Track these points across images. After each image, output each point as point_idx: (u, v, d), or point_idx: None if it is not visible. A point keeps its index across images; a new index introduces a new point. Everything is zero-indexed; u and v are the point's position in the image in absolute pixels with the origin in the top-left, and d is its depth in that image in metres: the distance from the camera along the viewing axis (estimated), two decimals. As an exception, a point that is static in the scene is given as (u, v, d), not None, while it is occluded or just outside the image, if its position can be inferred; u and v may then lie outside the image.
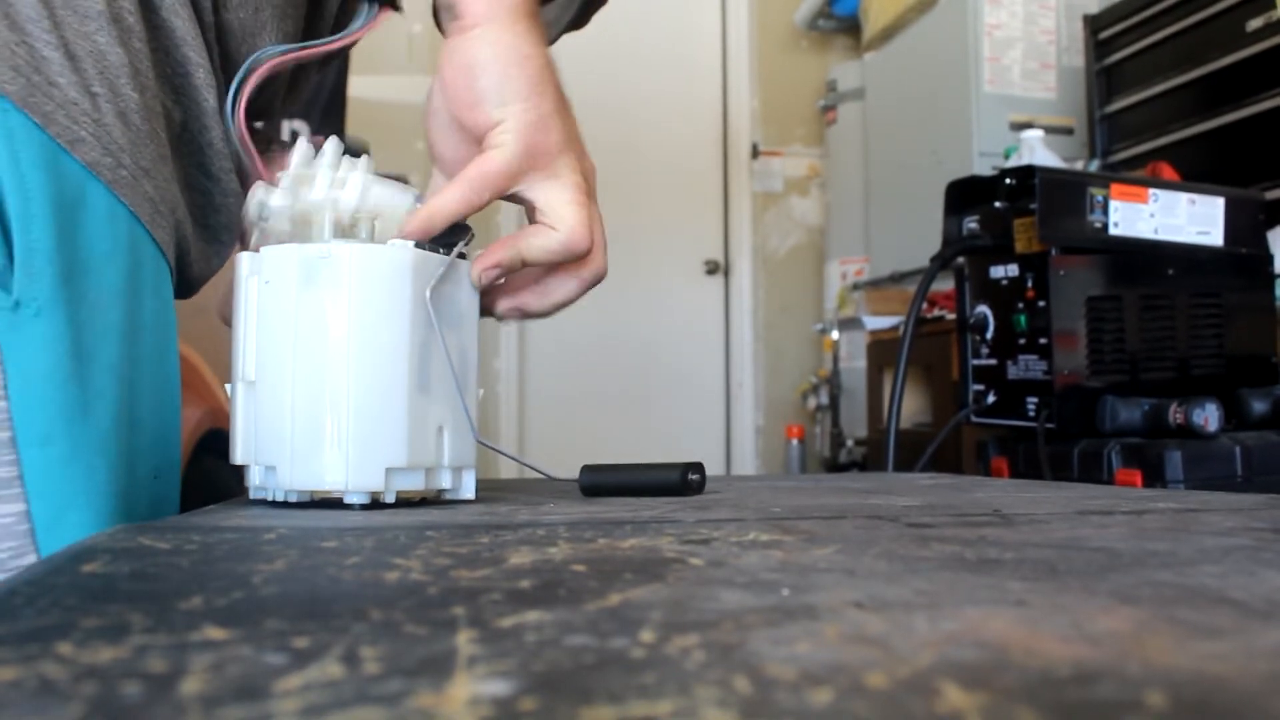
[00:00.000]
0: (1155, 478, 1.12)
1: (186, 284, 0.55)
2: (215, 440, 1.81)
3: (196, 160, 0.54)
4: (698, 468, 0.55)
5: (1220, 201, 1.33)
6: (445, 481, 0.50)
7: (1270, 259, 1.39)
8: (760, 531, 0.37)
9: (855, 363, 2.77)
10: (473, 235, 0.52)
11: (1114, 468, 1.16)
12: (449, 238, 0.50)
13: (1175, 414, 1.15)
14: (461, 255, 0.51)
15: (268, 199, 0.50)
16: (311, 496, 0.48)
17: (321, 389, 0.46)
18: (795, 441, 3.09)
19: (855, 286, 3.06)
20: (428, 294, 0.48)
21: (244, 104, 0.52)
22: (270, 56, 0.53)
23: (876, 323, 2.47)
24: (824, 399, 3.02)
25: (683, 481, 0.54)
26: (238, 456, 0.49)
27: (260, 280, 0.48)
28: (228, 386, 0.51)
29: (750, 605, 0.23)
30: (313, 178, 0.49)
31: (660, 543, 0.34)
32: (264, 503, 0.49)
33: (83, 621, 0.21)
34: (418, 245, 0.48)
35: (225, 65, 0.54)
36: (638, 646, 0.19)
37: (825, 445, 3.00)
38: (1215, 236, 1.32)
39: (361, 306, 0.46)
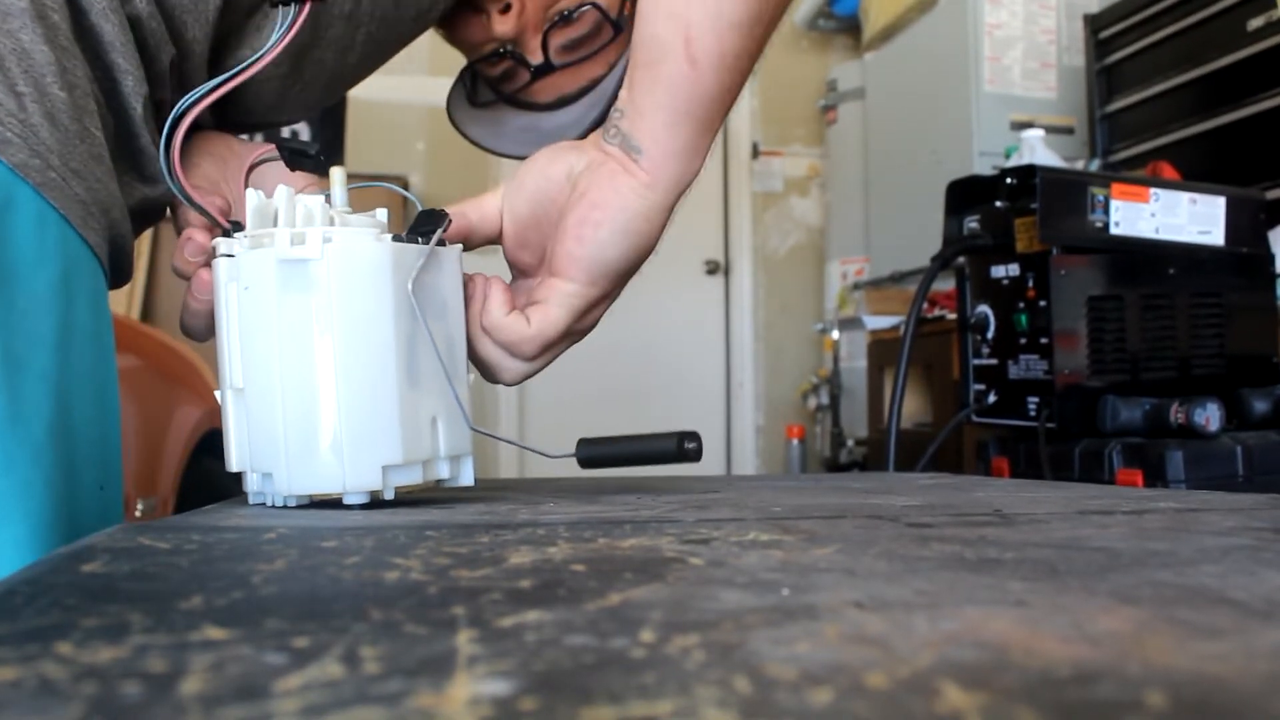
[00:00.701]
0: (1156, 478, 1.12)
1: (121, 273, 0.54)
2: (215, 441, 1.81)
3: (130, 164, 0.53)
4: (693, 436, 0.53)
5: (1221, 201, 1.33)
6: (443, 471, 0.50)
7: (1271, 258, 1.39)
8: (760, 531, 0.37)
9: (855, 362, 2.77)
10: (450, 221, 0.51)
11: (1115, 467, 1.16)
12: (427, 226, 0.50)
13: (1176, 414, 1.15)
14: (441, 243, 0.50)
15: (232, 253, 0.48)
16: (310, 499, 0.48)
17: (311, 392, 0.46)
18: (795, 441, 3.09)
19: (855, 286, 3.06)
20: (409, 286, 0.47)
21: (177, 153, 0.50)
22: (199, 96, 0.50)
23: (877, 322, 2.47)
24: (824, 399, 3.02)
25: (679, 449, 0.52)
26: (233, 464, 0.49)
27: (239, 286, 0.47)
28: (217, 393, 0.50)
29: (750, 605, 0.23)
30: (272, 235, 0.47)
31: (660, 542, 0.34)
32: (263, 506, 0.49)
33: (83, 621, 0.21)
34: (395, 238, 0.48)
35: (153, 67, 0.52)
36: (638, 646, 0.19)
37: (825, 445, 3.00)
38: (1216, 236, 1.32)
39: (344, 306, 0.46)
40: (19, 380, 0.43)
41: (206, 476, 1.73)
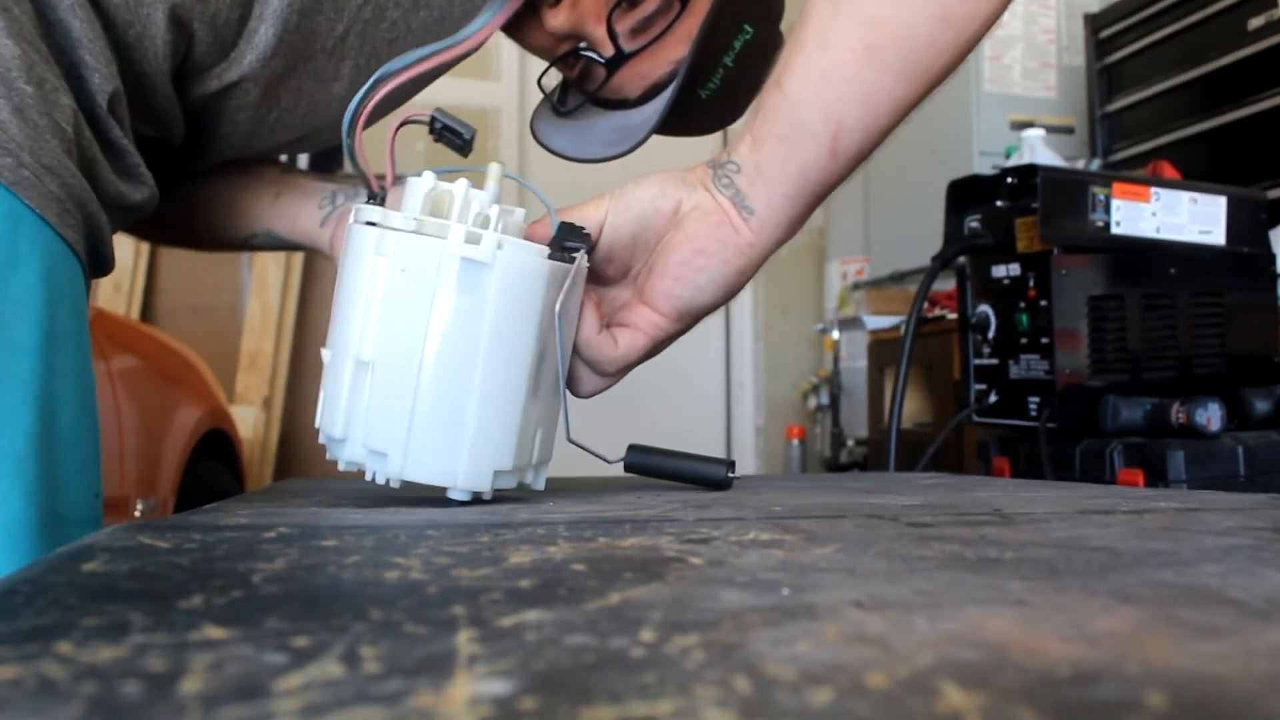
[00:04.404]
0: (1157, 477, 1.12)
1: (102, 265, 0.53)
2: (215, 441, 1.81)
3: (105, 159, 0.52)
4: (731, 465, 0.58)
5: (1222, 200, 1.33)
6: (529, 478, 0.52)
7: (1272, 258, 1.39)
8: (760, 531, 0.37)
9: (856, 363, 2.77)
10: (595, 242, 0.52)
11: (1116, 467, 1.15)
12: (571, 243, 0.50)
13: (1177, 413, 1.15)
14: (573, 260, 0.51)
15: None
16: (410, 484, 0.48)
17: (450, 388, 0.46)
18: (795, 441, 3.08)
19: (856, 286, 3.05)
20: (558, 306, 0.48)
21: (362, 120, 0.51)
22: (399, 69, 0.52)
23: (877, 322, 2.47)
24: (824, 399, 3.02)
25: (725, 479, 0.58)
26: (337, 430, 0.48)
27: (394, 265, 0.47)
28: (324, 351, 0.49)
29: (750, 605, 0.23)
30: (443, 226, 0.47)
31: (660, 542, 0.34)
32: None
33: (83, 621, 0.21)
34: (549, 255, 0.49)
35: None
36: (638, 646, 0.19)
37: (826, 445, 2.99)
38: (1217, 235, 1.32)
39: (501, 314, 0.46)
40: None
41: (206, 476, 1.73)
